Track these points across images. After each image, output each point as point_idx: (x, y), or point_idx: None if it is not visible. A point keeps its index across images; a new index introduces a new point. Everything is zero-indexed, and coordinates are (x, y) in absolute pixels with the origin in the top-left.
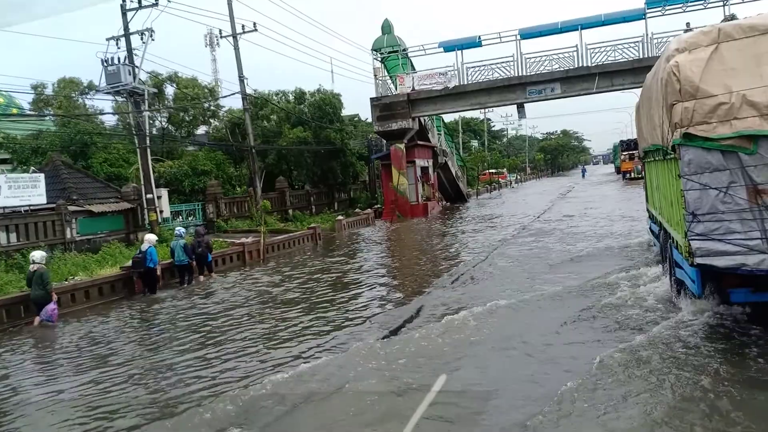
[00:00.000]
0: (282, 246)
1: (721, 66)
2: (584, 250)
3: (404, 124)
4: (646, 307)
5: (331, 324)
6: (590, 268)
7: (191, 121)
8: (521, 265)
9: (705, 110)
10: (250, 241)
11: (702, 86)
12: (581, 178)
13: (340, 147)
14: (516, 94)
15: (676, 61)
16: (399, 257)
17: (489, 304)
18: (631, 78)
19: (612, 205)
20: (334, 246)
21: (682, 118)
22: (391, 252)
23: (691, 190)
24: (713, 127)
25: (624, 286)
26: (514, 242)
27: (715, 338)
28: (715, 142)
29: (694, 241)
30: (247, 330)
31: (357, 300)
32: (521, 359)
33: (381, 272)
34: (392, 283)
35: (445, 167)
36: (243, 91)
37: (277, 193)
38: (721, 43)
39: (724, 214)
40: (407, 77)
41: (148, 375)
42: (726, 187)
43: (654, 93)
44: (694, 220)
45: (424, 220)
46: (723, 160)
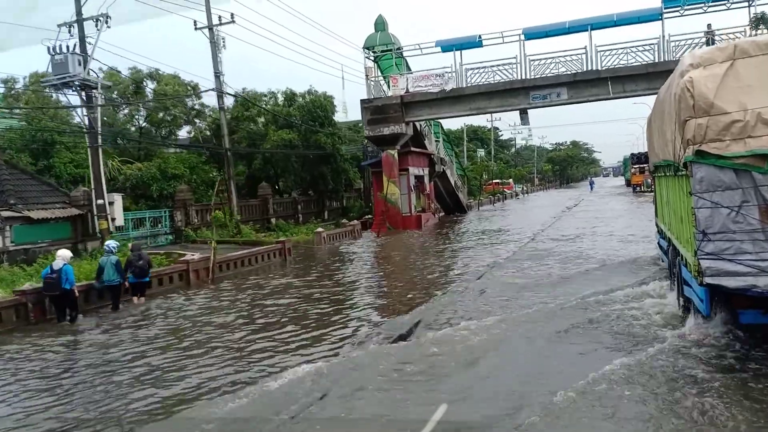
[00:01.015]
0: (241, 263)
1: (736, 83)
2: (584, 288)
3: (397, 128)
4: (650, 325)
5: (240, 379)
6: None
7: (172, 120)
8: (508, 300)
9: (719, 127)
10: (197, 258)
11: (716, 103)
12: (589, 191)
13: (331, 152)
14: (519, 99)
15: (691, 76)
16: (371, 281)
17: None
18: (645, 84)
19: (620, 222)
20: (304, 264)
21: (695, 134)
22: (364, 274)
23: (702, 208)
24: (726, 145)
25: (631, 302)
26: (506, 266)
27: (719, 360)
28: (728, 160)
29: (703, 260)
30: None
31: (295, 341)
32: None
33: (342, 299)
34: (346, 319)
35: (444, 176)
36: (218, 88)
37: (259, 201)
38: (736, 60)
39: (735, 234)
40: (401, 78)
41: None
42: (738, 207)
43: (667, 107)
44: (705, 238)
45: (417, 233)
46: (736, 178)
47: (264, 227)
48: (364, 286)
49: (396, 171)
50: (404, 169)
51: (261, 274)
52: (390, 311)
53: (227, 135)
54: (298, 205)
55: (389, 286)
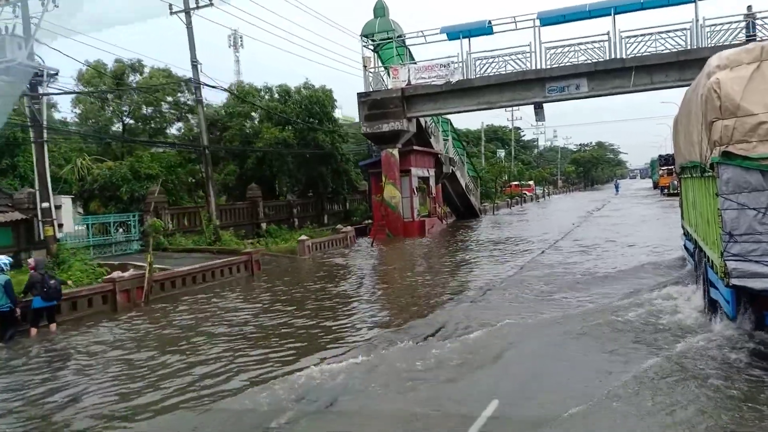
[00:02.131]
0: (193, 279)
1: (763, 84)
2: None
3: (397, 125)
4: (676, 326)
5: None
6: None
7: (161, 116)
8: (472, 354)
9: (745, 129)
10: (126, 276)
11: (743, 104)
12: (615, 193)
13: (330, 151)
14: (533, 91)
15: (717, 78)
16: (333, 308)
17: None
18: (676, 74)
19: (647, 233)
20: (271, 281)
21: (721, 135)
22: (342, 295)
23: (728, 209)
24: (753, 146)
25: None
26: (502, 289)
27: (744, 362)
28: (754, 161)
29: (730, 261)
30: None
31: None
32: None
33: (285, 334)
34: (268, 372)
35: (453, 178)
36: (196, 79)
37: (248, 203)
38: (763, 62)
39: (762, 236)
40: (402, 69)
41: None
42: (765, 208)
43: (693, 108)
44: (731, 240)
45: (418, 241)
46: (762, 180)
47: (253, 233)
48: (322, 315)
49: (396, 172)
50: (406, 170)
51: (213, 294)
52: (332, 355)
53: (204, 130)
54: (294, 209)
55: (346, 318)
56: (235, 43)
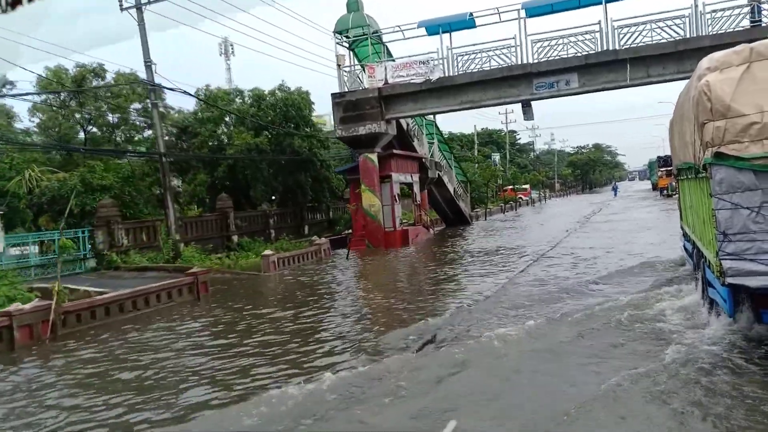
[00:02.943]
0: (120, 308)
1: (753, 85)
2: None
3: (375, 127)
4: (677, 326)
5: None
6: None
7: (127, 124)
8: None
9: (737, 129)
10: (28, 308)
11: (733, 105)
12: (613, 196)
13: (308, 157)
14: (519, 88)
15: (707, 80)
16: (295, 337)
17: None
18: (675, 66)
19: (645, 238)
20: (222, 307)
21: (713, 137)
22: (296, 324)
23: (722, 209)
24: (745, 147)
25: None
26: (473, 317)
27: (742, 359)
28: (746, 161)
29: (725, 260)
30: None
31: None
32: None
33: (218, 379)
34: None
35: (440, 183)
36: (150, 80)
37: (217, 215)
38: (753, 63)
39: (756, 234)
40: (378, 67)
41: None
42: (758, 207)
43: (686, 110)
44: (726, 239)
45: (401, 252)
46: (755, 179)
47: (223, 247)
48: (264, 354)
49: (376, 178)
50: (386, 175)
51: (141, 325)
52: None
53: (160, 136)
54: (270, 219)
55: (290, 357)
56: (225, 51)
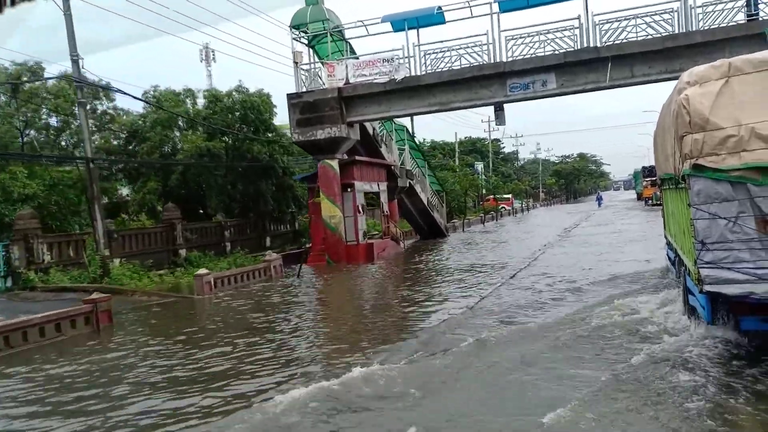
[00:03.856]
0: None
1: (731, 99)
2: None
3: (335, 131)
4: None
5: None
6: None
7: (71, 128)
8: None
9: (714, 142)
10: None
11: (712, 119)
12: (597, 207)
13: (268, 164)
14: (492, 89)
15: (686, 94)
16: (197, 385)
17: None
18: (662, 64)
19: (629, 253)
20: (124, 342)
21: (692, 149)
22: (209, 366)
23: (700, 219)
24: (722, 159)
25: None
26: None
27: (722, 364)
28: (724, 173)
29: (703, 268)
30: None
31: None
32: None
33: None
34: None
35: (413, 193)
36: (77, 75)
37: (163, 227)
38: (731, 77)
39: (733, 243)
40: (338, 65)
41: None
42: (735, 217)
43: (667, 123)
44: (704, 248)
45: (362, 269)
46: (732, 190)
47: (169, 262)
48: (149, 413)
49: (337, 187)
50: (348, 184)
51: (11, 367)
52: None
53: (88, 138)
54: (226, 231)
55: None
56: (206, 57)
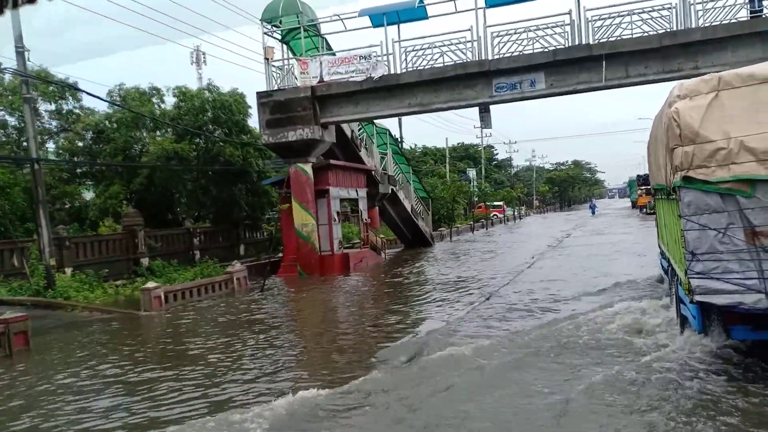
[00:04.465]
0: None
1: (720, 113)
2: None
3: (308, 132)
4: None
5: None
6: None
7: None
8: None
9: (704, 155)
10: None
11: (701, 132)
12: (590, 215)
13: (242, 168)
14: (477, 90)
15: (677, 107)
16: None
17: None
18: (659, 64)
19: (619, 266)
20: (37, 368)
21: (682, 161)
22: (127, 399)
23: (690, 230)
24: (712, 171)
25: None
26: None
27: (712, 372)
28: (713, 185)
29: (693, 279)
30: None
31: None
32: None
33: None
34: None
35: (395, 200)
36: (23, 69)
37: (123, 234)
38: (721, 91)
39: (722, 254)
40: (312, 62)
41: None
42: (724, 229)
43: (659, 135)
44: (694, 258)
45: (335, 282)
46: (721, 202)
47: (129, 271)
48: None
49: (310, 193)
50: (323, 190)
51: None
52: None
53: (33, 137)
54: (194, 239)
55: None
56: (197, 60)
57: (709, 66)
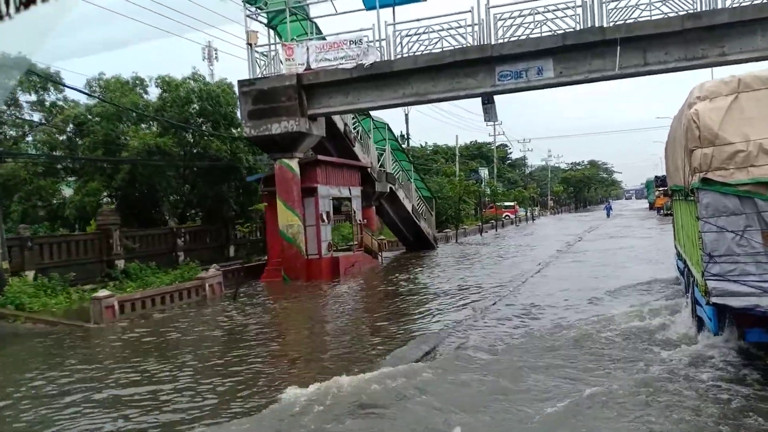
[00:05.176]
0: None
1: (739, 115)
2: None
3: (293, 125)
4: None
5: None
6: None
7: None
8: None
9: (723, 157)
10: None
11: (721, 134)
12: (605, 217)
13: (230, 163)
14: (478, 78)
15: (696, 109)
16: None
17: None
18: (681, 50)
19: (631, 273)
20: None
21: (701, 163)
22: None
23: (708, 232)
24: (730, 173)
25: None
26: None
27: (726, 373)
28: (732, 187)
29: (710, 281)
30: None
31: None
32: None
33: None
34: None
35: (394, 199)
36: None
37: (97, 234)
38: (740, 93)
39: (739, 257)
40: (298, 47)
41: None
42: (742, 231)
43: (677, 136)
44: (711, 261)
45: (323, 289)
46: (740, 204)
47: (102, 274)
48: None
49: (296, 191)
50: (311, 188)
51: None
52: None
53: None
54: (178, 239)
55: None
56: (209, 56)
57: (737, 52)
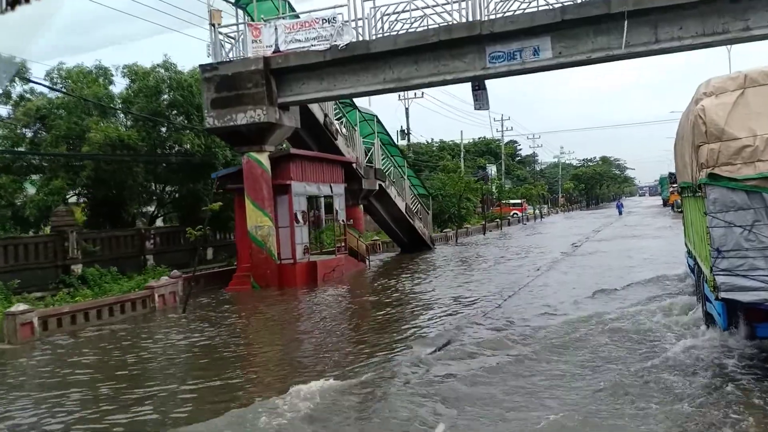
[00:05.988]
0: None
1: (746, 110)
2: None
3: (260, 115)
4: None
5: None
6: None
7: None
8: None
9: (730, 152)
10: None
11: (727, 129)
12: (617, 215)
13: (203, 159)
14: (466, 61)
15: (703, 105)
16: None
17: None
18: (697, 24)
19: (642, 273)
20: None
21: (708, 158)
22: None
23: (716, 227)
24: (738, 168)
25: None
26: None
27: (735, 368)
28: (739, 182)
29: (718, 276)
30: None
31: None
32: None
33: None
34: None
35: (385, 198)
36: None
37: (51, 237)
38: (747, 89)
39: (748, 251)
40: (266, 28)
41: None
42: (750, 226)
43: (685, 132)
44: (719, 256)
45: (295, 297)
46: (747, 199)
47: (56, 281)
48: None
49: (266, 189)
50: (283, 185)
51: None
52: None
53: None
54: (147, 241)
55: None
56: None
57: (763, 26)
